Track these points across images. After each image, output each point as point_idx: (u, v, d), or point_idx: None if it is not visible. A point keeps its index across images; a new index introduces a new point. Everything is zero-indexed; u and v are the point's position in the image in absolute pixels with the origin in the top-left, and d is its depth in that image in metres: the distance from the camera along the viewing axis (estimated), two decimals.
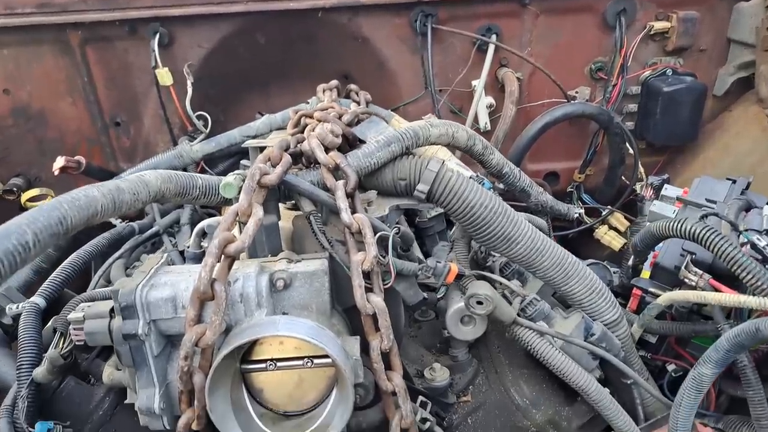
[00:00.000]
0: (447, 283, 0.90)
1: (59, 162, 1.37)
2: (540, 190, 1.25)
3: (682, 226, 0.90)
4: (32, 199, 1.54)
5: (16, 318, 1.03)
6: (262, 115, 1.53)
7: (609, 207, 1.62)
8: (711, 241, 0.86)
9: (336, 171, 0.89)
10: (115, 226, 1.29)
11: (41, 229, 0.59)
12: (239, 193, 0.83)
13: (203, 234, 1.05)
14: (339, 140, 0.93)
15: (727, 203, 0.99)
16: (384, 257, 0.83)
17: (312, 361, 0.79)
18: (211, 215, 1.34)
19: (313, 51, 1.62)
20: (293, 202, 0.97)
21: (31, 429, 0.87)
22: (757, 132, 1.48)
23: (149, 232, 1.29)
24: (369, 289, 0.81)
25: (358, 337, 0.82)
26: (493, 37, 1.57)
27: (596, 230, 1.63)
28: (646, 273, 1.09)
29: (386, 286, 0.83)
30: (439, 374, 1.00)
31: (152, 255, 0.99)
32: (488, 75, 1.60)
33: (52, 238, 0.60)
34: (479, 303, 0.93)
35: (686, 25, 1.55)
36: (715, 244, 0.85)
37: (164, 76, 1.53)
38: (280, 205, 0.98)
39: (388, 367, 0.83)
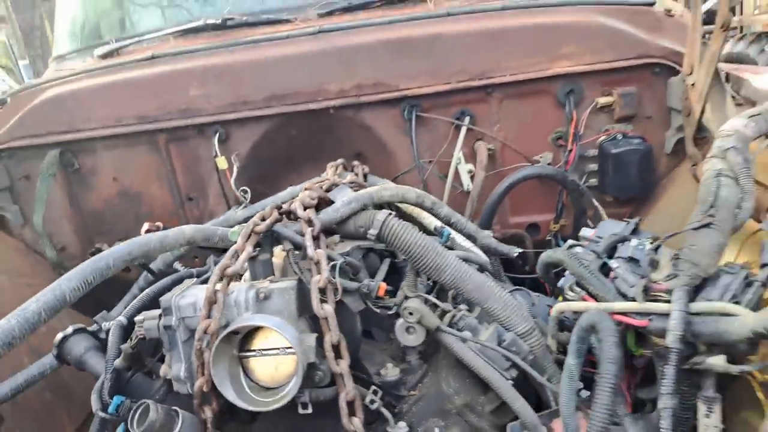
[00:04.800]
0: (380, 295, 1.28)
1: (144, 227, 1.91)
2: (486, 234, 1.60)
3: (553, 254, 1.22)
4: None
5: (107, 333, 1.52)
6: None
7: None
8: (567, 264, 1.18)
9: (309, 222, 1.32)
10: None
11: (117, 257, 1.06)
12: None
13: None
14: (314, 202, 1.37)
15: (605, 239, 1.30)
16: (334, 279, 1.23)
17: (285, 351, 1.19)
18: None
19: (333, 138, 2.10)
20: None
21: (110, 400, 1.32)
22: (692, 183, 1.75)
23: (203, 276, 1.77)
24: (324, 301, 1.21)
25: (315, 334, 1.21)
26: (467, 119, 1.98)
27: None
28: (560, 296, 1.40)
29: (337, 299, 1.23)
30: (390, 371, 1.35)
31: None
32: (466, 147, 2.00)
33: (124, 263, 1.07)
34: (410, 313, 1.29)
35: (626, 99, 1.88)
36: (569, 266, 1.17)
37: (222, 162, 2.08)
38: (278, 248, 1.41)
39: (338, 355, 1.20)
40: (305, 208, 1.34)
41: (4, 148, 2.15)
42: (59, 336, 1.52)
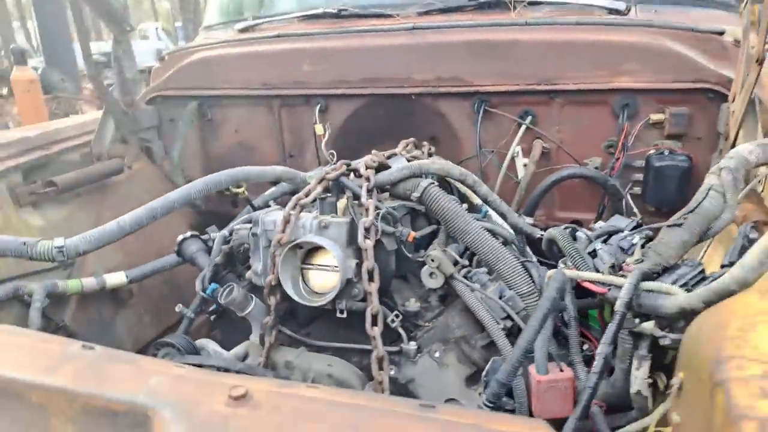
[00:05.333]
0: (409, 241, 1.63)
1: None
2: (516, 215, 1.89)
3: (553, 232, 1.51)
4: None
5: (214, 240, 2.02)
6: None
7: None
8: (559, 240, 1.46)
9: (367, 179, 1.70)
10: None
11: (229, 178, 1.51)
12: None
13: None
14: (375, 164, 1.75)
15: (601, 227, 1.55)
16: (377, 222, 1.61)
17: (333, 269, 1.59)
18: None
19: (413, 120, 2.46)
20: None
21: (208, 285, 1.81)
22: None
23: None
24: (367, 237, 1.59)
25: (357, 260, 1.60)
26: (529, 118, 2.25)
27: None
28: None
29: (377, 238, 1.60)
30: (412, 305, 1.71)
31: None
32: (525, 143, 2.28)
33: (235, 181, 1.53)
34: (432, 260, 1.64)
35: (676, 118, 2.05)
36: (560, 242, 1.46)
37: (319, 128, 2.52)
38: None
39: (371, 279, 1.58)
40: (366, 168, 1.73)
41: (158, 95, 2.75)
42: (180, 237, 2.04)
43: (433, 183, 1.72)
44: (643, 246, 1.44)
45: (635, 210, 2.15)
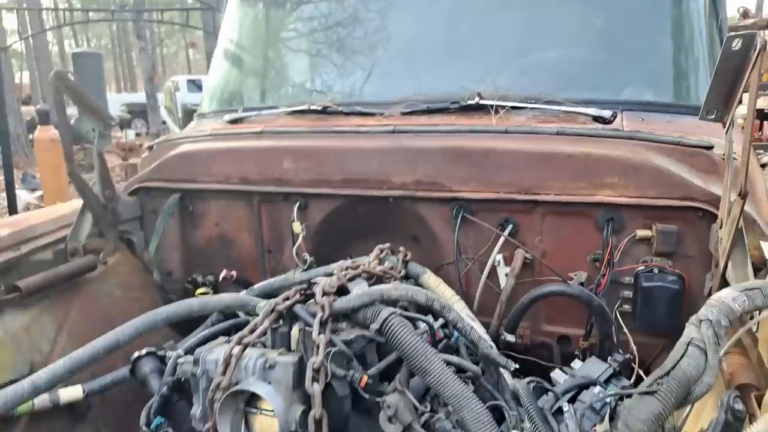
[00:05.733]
0: (361, 386, 1.50)
1: (222, 273, 2.33)
2: (487, 345, 1.75)
3: (515, 384, 1.36)
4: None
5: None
6: (352, 257, 2.32)
7: None
8: (521, 397, 1.32)
9: (322, 308, 1.59)
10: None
11: (165, 316, 1.42)
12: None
13: None
14: (333, 290, 1.64)
15: (566, 381, 1.40)
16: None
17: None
18: None
19: (393, 220, 2.37)
20: None
21: (153, 419, 1.69)
22: None
23: None
24: (315, 380, 1.47)
25: (304, 406, 1.47)
26: (510, 227, 2.13)
27: None
28: None
29: (327, 381, 1.48)
30: None
31: None
32: (508, 251, 2.16)
33: (170, 321, 1.43)
34: (388, 406, 1.50)
35: (664, 236, 1.92)
36: (522, 400, 1.31)
37: (297, 227, 2.44)
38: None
39: (319, 429, 1.44)
40: (323, 294, 1.62)
41: (142, 186, 2.72)
42: (135, 355, 1.94)
43: (395, 313, 1.60)
44: (614, 411, 1.29)
45: (626, 330, 1.98)
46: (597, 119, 2.14)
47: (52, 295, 2.34)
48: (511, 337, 2.03)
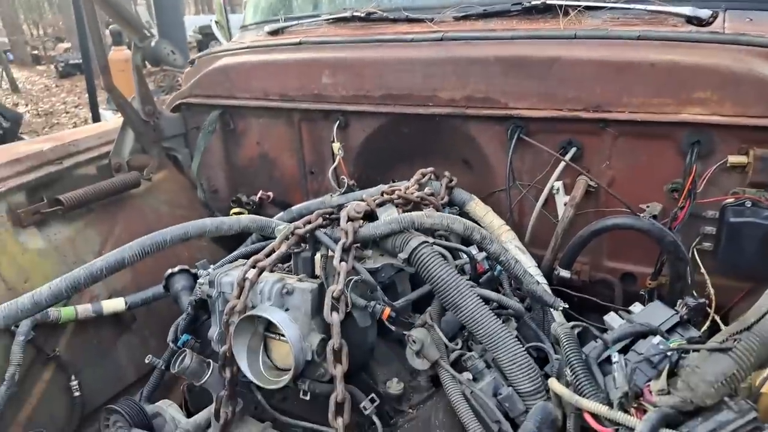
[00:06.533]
0: (383, 318, 1.36)
1: (259, 194, 2.23)
2: (533, 280, 1.55)
3: (556, 327, 1.17)
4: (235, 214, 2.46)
5: None
6: (394, 182, 2.14)
7: None
8: (561, 341, 1.12)
9: (346, 234, 1.44)
10: None
11: (174, 235, 1.32)
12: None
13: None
14: (359, 215, 1.48)
15: (620, 328, 1.19)
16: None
17: None
18: None
19: (441, 142, 2.14)
20: None
21: (181, 336, 1.65)
22: None
23: None
24: (335, 309, 1.34)
25: (322, 336, 1.36)
26: (572, 150, 1.86)
27: None
28: None
29: (347, 311, 1.35)
30: (393, 387, 1.44)
31: None
32: (569, 178, 1.90)
33: (180, 240, 1.33)
34: (414, 341, 1.36)
35: (763, 163, 1.58)
36: (561, 344, 1.12)
37: (336, 147, 2.27)
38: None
39: (337, 359, 1.33)
40: (348, 220, 1.46)
41: (183, 102, 2.62)
42: (168, 272, 1.90)
43: (426, 242, 1.43)
44: (675, 366, 1.07)
45: (703, 271, 1.71)
46: (691, 20, 1.76)
47: (96, 210, 2.34)
48: (565, 273, 1.81)
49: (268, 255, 1.38)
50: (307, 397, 1.39)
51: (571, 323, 1.23)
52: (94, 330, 2.12)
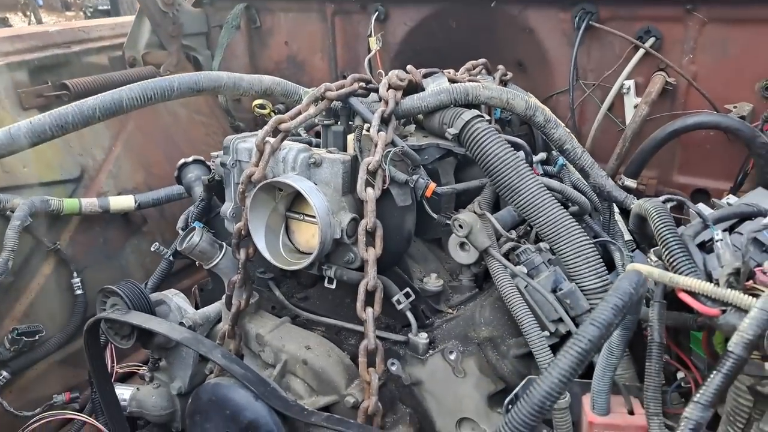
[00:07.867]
0: (426, 196, 1.14)
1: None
2: (602, 174, 1.31)
3: (643, 204, 0.94)
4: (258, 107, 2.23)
5: None
6: None
7: None
8: (651, 217, 0.90)
9: (386, 102, 1.22)
10: None
11: (183, 83, 1.11)
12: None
13: None
14: (402, 84, 1.25)
15: (727, 207, 0.96)
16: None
17: None
18: None
19: (493, 38, 1.89)
20: None
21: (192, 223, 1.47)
22: None
23: None
24: (370, 184, 1.13)
25: (354, 215, 1.15)
26: (651, 40, 1.59)
27: None
28: None
29: (384, 187, 1.13)
30: (432, 282, 1.24)
31: None
32: (641, 76, 1.64)
33: (189, 90, 1.12)
34: (460, 226, 1.15)
35: None
36: (652, 220, 0.89)
37: (373, 42, 2.03)
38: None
39: (370, 242, 1.13)
40: (389, 88, 1.23)
41: None
42: (180, 161, 1.71)
43: (481, 117, 1.20)
44: None
45: None
46: None
47: None
48: (631, 182, 1.57)
49: (293, 118, 1.16)
50: (332, 285, 1.20)
51: (663, 197, 1.00)
52: (100, 228, 1.96)
